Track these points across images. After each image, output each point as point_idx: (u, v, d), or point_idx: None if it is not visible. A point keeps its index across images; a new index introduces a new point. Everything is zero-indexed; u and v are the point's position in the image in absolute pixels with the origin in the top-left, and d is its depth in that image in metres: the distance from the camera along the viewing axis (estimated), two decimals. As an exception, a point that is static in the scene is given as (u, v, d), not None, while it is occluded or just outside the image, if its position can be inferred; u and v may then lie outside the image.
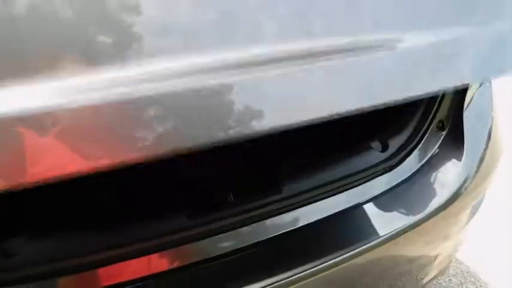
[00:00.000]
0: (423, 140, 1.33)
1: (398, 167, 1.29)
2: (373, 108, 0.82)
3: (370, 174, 1.23)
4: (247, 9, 0.69)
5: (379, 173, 1.25)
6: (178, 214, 1.02)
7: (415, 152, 1.32)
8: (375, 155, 1.27)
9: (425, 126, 1.34)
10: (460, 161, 1.39)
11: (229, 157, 1.36)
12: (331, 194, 1.16)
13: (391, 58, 0.83)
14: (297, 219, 1.11)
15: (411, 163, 1.31)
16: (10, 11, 0.55)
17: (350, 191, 1.18)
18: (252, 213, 1.06)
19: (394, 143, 1.31)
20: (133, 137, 0.62)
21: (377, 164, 1.25)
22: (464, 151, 1.39)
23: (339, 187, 1.17)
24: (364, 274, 1.20)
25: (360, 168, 1.21)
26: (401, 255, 1.28)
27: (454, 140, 1.38)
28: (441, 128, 1.38)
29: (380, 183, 1.25)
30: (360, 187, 1.20)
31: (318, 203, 1.15)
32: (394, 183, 1.26)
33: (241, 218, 1.06)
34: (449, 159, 1.39)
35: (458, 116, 1.39)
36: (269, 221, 1.10)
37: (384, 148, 1.30)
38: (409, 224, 1.18)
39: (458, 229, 1.43)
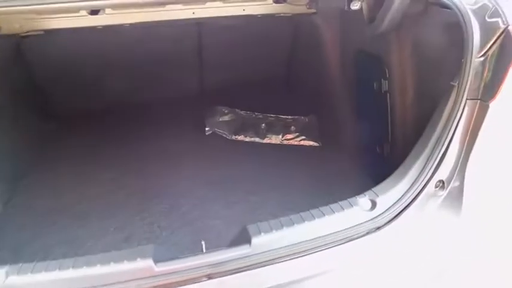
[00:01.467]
0: (416, 201, 1.25)
1: (386, 228, 1.22)
2: None
3: (353, 235, 1.16)
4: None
5: (363, 233, 1.18)
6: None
7: (406, 213, 1.24)
8: (361, 213, 1.20)
9: (422, 185, 1.26)
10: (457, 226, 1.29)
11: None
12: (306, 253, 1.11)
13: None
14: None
15: (400, 225, 1.23)
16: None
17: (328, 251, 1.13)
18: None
19: (384, 201, 1.24)
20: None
21: (362, 224, 1.18)
22: (463, 213, 1.29)
23: (316, 247, 1.12)
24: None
25: (342, 228, 1.16)
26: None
27: (454, 201, 1.28)
28: (441, 187, 1.29)
29: (364, 245, 1.18)
30: (339, 247, 1.15)
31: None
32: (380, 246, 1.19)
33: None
34: (446, 224, 1.29)
35: (461, 174, 1.29)
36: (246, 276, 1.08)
37: (373, 206, 1.23)
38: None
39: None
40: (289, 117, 2.40)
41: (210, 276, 1.06)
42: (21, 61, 2.07)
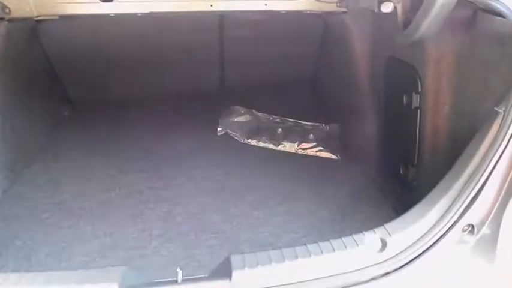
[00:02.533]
0: (437, 245, 1.04)
1: (396, 275, 1.03)
2: None
3: (354, 280, 0.99)
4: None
5: (367, 279, 1.00)
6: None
7: (423, 258, 1.04)
8: (367, 254, 1.02)
9: (445, 228, 1.05)
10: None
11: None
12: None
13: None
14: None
15: (415, 274, 1.03)
16: None
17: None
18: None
19: (397, 242, 1.05)
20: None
21: (366, 268, 1.00)
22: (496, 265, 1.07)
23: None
24: None
25: (341, 271, 0.98)
26: None
27: (485, 250, 1.07)
28: (469, 232, 1.08)
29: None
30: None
31: None
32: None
33: None
34: (474, 276, 1.08)
35: (496, 220, 1.07)
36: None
37: (383, 246, 1.04)
38: None
39: None
40: (309, 123, 2.21)
41: (180, 312, 0.93)
42: (37, 45, 2.02)
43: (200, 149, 2.00)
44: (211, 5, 1.77)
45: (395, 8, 1.33)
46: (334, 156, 1.97)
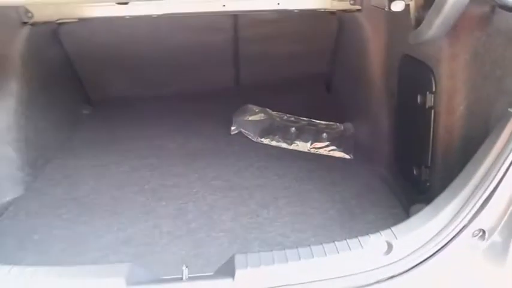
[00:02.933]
0: (445, 250, 1.02)
1: (402, 278, 1.01)
2: None
3: (357, 283, 0.98)
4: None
5: (371, 282, 0.99)
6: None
7: (431, 262, 1.02)
8: (372, 257, 1.01)
9: (454, 232, 1.02)
10: None
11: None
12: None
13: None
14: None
15: (421, 277, 1.01)
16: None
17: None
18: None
19: (403, 245, 1.03)
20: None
21: (371, 270, 0.99)
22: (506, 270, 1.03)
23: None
24: None
25: (345, 273, 0.98)
26: None
27: (497, 256, 1.03)
28: (480, 237, 1.04)
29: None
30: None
31: None
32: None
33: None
34: (485, 283, 1.05)
35: (508, 227, 1.03)
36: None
37: (389, 249, 1.03)
38: None
39: None
40: (323, 122, 2.19)
41: (184, 308, 0.95)
42: (58, 46, 2.09)
43: (213, 147, 2.02)
44: (223, 5, 1.78)
45: (407, 5, 1.30)
46: (347, 156, 1.94)
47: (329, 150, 1.97)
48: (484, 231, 1.04)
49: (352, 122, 2.16)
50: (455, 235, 1.03)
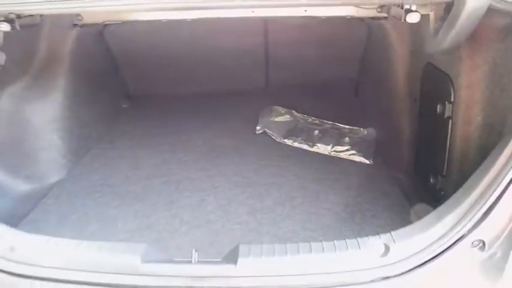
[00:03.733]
0: (442, 257, 1.04)
1: (396, 280, 1.05)
2: None
3: (352, 280, 1.03)
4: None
5: (366, 280, 1.04)
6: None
7: (427, 268, 1.05)
8: (369, 257, 1.06)
9: (452, 240, 1.05)
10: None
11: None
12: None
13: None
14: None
15: (416, 281, 1.05)
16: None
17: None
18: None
19: (400, 249, 1.07)
20: None
21: (366, 269, 1.04)
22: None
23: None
24: None
25: (339, 269, 1.03)
26: None
27: (494, 269, 1.04)
28: (480, 248, 1.06)
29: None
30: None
31: None
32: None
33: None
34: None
35: (509, 240, 1.04)
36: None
37: (386, 251, 1.07)
38: None
39: None
40: (347, 126, 2.23)
41: (191, 288, 1.05)
42: (103, 45, 2.30)
43: (237, 145, 2.12)
44: (252, 11, 1.87)
45: (426, 16, 1.31)
46: (366, 161, 1.97)
47: (349, 154, 2.00)
48: (484, 243, 1.05)
49: (375, 127, 2.17)
50: (454, 243, 1.05)
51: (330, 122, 2.28)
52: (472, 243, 1.05)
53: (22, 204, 1.70)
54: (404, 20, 1.26)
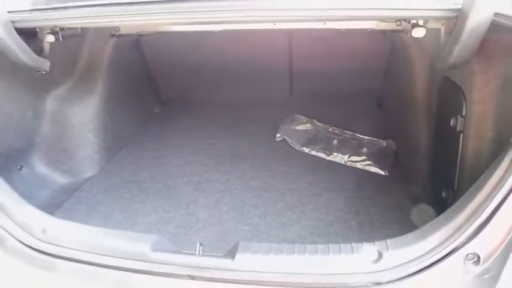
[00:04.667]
0: (434, 268, 1.06)
1: (388, 286, 1.08)
2: None
3: (341, 283, 1.07)
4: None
5: (356, 285, 1.08)
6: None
7: (419, 277, 1.07)
8: (361, 262, 1.09)
9: (444, 252, 1.06)
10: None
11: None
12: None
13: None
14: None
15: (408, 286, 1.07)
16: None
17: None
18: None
19: (393, 257, 1.09)
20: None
21: (356, 274, 1.08)
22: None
23: None
24: None
25: (329, 271, 1.08)
26: None
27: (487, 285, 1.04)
28: (475, 262, 1.06)
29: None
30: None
31: None
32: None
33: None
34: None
35: (503, 257, 1.03)
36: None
37: (379, 258, 1.10)
38: None
39: None
40: (366, 137, 2.24)
41: (192, 277, 1.15)
42: (138, 53, 2.49)
43: (257, 151, 2.21)
44: (274, 24, 1.96)
45: (438, 30, 1.33)
46: (382, 172, 1.97)
47: (365, 165, 2.02)
48: (479, 257, 1.06)
49: (395, 139, 2.17)
50: (447, 255, 1.06)
51: (350, 133, 2.30)
52: (466, 256, 1.05)
53: (59, 195, 1.90)
54: (410, 34, 1.29)
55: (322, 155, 2.14)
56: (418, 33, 1.28)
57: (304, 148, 2.20)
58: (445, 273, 1.06)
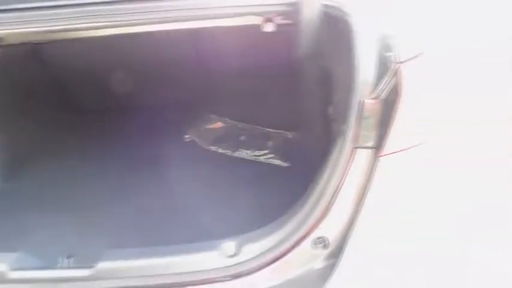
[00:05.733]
0: (287, 256, 1.10)
1: (245, 279, 1.10)
2: None
3: (198, 280, 1.09)
4: None
5: (213, 279, 1.10)
6: None
7: (274, 266, 1.10)
8: (217, 258, 1.11)
9: (294, 239, 1.10)
10: None
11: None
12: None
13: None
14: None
15: (263, 280, 1.10)
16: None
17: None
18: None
19: (250, 250, 1.12)
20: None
21: (213, 269, 1.10)
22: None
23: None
24: None
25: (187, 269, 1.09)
26: None
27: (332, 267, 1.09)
28: (324, 246, 1.11)
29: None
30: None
31: None
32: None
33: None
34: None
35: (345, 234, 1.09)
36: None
37: (236, 252, 1.13)
38: None
39: None
40: (273, 130, 2.28)
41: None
42: (37, 63, 2.38)
43: (165, 153, 2.19)
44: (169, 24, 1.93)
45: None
46: (284, 164, 2.02)
47: (267, 158, 2.06)
48: (328, 241, 1.10)
49: (304, 131, 2.22)
50: (297, 242, 1.10)
51: (260, 128, 2.33)
52: (314, 241, 1.10)
53: None
54: (262, 29, 1.32)
55: (228, 152, 2.15)
56: (268, 28, 1.32)
57: (211, 147, 2.20)
58: (296, 259, 1.10)
